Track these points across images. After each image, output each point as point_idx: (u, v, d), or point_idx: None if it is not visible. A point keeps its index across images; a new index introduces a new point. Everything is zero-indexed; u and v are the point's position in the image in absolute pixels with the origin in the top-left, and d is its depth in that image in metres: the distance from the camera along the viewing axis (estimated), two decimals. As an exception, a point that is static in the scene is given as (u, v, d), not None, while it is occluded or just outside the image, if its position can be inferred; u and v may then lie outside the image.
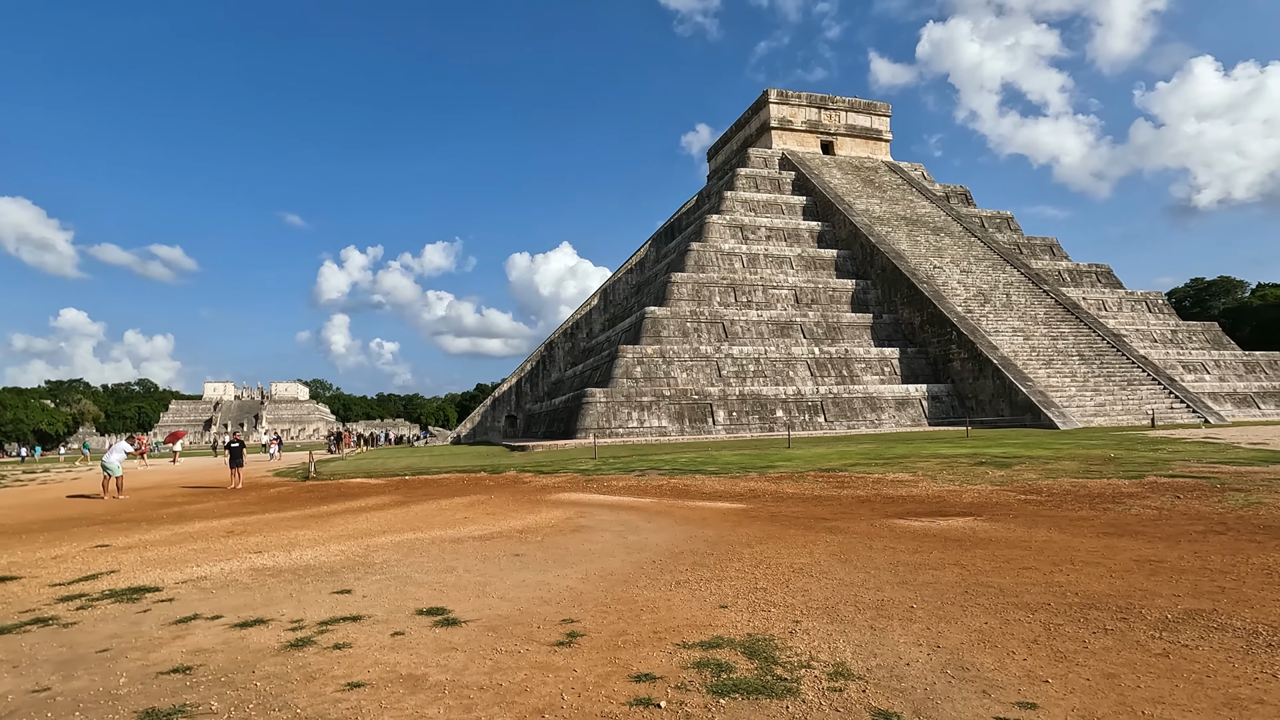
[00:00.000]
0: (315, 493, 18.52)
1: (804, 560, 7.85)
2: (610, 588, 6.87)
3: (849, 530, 9.89)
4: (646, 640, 5.20)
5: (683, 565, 7.82)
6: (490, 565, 8.09)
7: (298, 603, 6.61)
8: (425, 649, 5.14)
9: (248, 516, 13.60)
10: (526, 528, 10.82)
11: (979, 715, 3.78)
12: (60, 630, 5.97)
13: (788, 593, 6.44)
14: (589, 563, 8.09)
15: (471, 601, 6.45)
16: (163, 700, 4.31)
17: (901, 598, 6.15)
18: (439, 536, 10.22)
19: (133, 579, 7.88)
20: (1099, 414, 35.14)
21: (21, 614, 6.55)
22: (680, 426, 34.97)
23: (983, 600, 6.02)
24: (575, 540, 9.61)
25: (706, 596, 6.40)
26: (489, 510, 13.18)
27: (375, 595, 6.80)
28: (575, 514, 12.16)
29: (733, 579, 7.06)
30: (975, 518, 10.74)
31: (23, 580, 8.08)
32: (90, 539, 11.17)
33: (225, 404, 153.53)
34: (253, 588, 7.30)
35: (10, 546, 10.67)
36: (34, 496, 20.15)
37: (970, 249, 49.98)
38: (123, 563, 8.91)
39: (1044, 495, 13.29)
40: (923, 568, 7.32)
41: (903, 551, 8.20)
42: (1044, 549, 8.18)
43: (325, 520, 12.58)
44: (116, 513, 15.19)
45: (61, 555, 9.67)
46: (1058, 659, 4.57)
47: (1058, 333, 41.60)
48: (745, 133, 66.90)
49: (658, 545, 9.10)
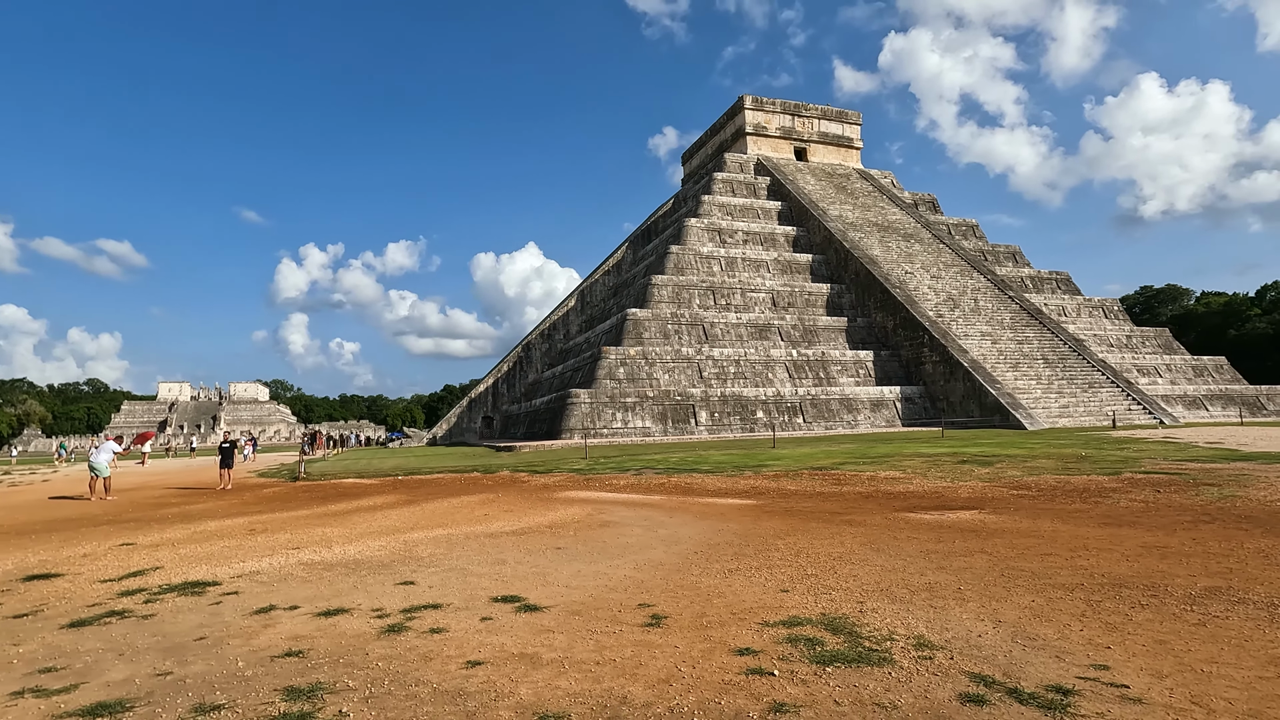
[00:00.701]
0: (313, 493, 18.41)
1: (839, 550, 8.31)
2: (666, 576, 7.22)
3: (866, 523, 10.41)
4: (728, 621, 5.57)
5: (724, 556, 8.20)
6: (538, 557, 8.36)
7: (367, 594, 6.80)
8: (521, 632, 5.43)
9: (258, 516, 13.55)
10: (553, 523, 11.08)
11: (1061, 676, 4.24)
12: (142, 621, 6.07)
13: (838, 578, 6.88)
14: (633, 554, 8.41)
15: (540, 590, 6.73)
16: (296, 679, 4.52)
17: (946, 581, 6.64)
18: (472, 532, 10.42)
19: (184, 574, 7.93)
20: (1063, 415, 36.68)
21: (90, 608, 6.61)
22: (664, 427, 35.41)
23: (1020, 582, 6.54)
24: (608, 534, 9.92)
25: (764, 583, 6.80)
26: (505, 508, 13.38)
27: (441, 586, 7.03)
28: (593, 511, 12.45)
29: (780, 567, 7.47)
30: (979, 511, 11.36)
31: (66, 577, 8.06)
32: (108, 538, 11.05)
33: (181, 405, 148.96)
34: (312, 581, 7.45)
35: (28, 546, 10.52)
36: (14, 499, 19.57)
37: (939, 255, 51.56)
38: (161, 560, 8.92)
39: (1034, 491, 14.05)
40: (953, 555, 7.84)
41: (927, 541, 8.73)
42: (1055, 538, 8.79)
43: (343, 518, 12.64)
44: (116, 513, 14.94)
45: (90, 554, 9.61)
46: (1110, 629, 5.09)
47: (1023, 337, 43.24)
48: (720, 137, 67.79)
49: (690, 538, 9.47)
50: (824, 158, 65.81)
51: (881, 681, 4.20)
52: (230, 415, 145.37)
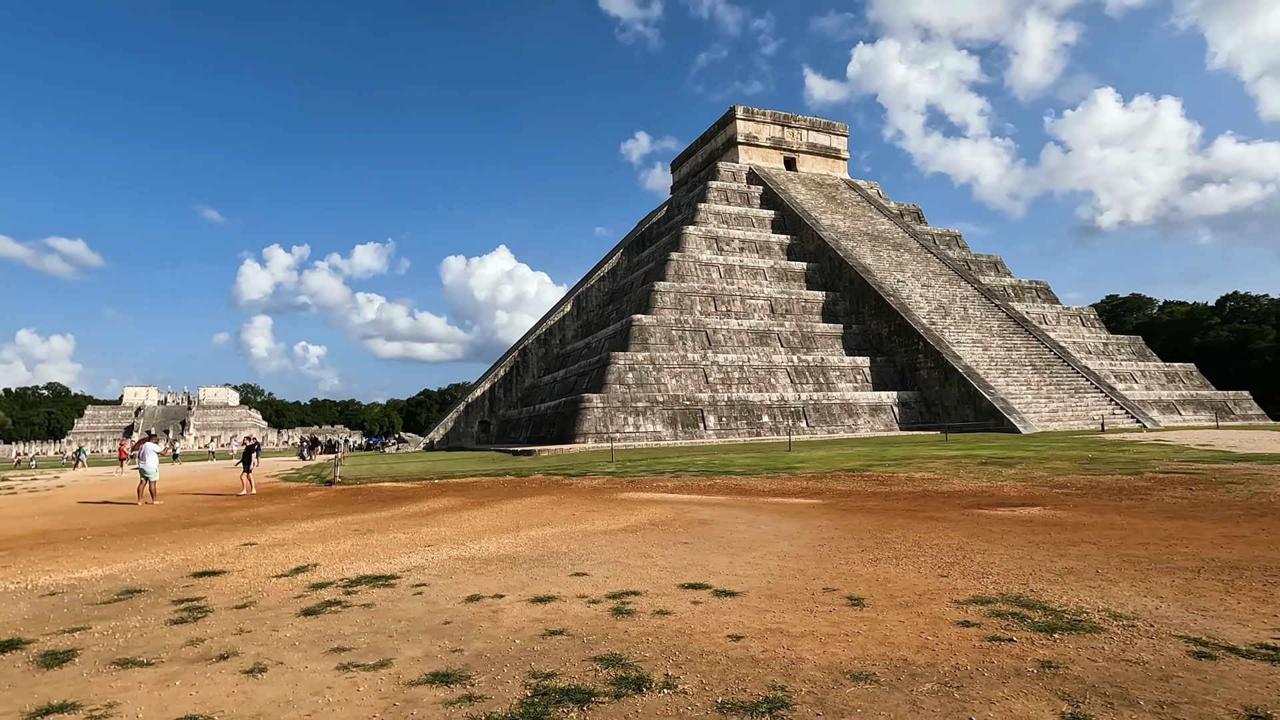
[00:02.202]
0: (365, 496, 18.62)
1: (952, 542, 9.07)
2: (818, 565, 7.88)
3: (949, 519, 11.21)
4: (919, 601, 6.26)
5: (849, 549, 8.90)
6: (676, 551, 8.95)
7: (554, 584, 7.33)
8: (744, 612, 6.04)
9: (335, 519, 13.82)
10: (653, 522, 11.66)
11: (1251, 639, 5.02)
12: (368, 609, 6.53)
13: (979, 565, 7.62)
14: (761, 548, 9.05)
15: (716, 578, 7.34)
16: (588, 652, 5.08)
17: (1078, 566, 7.43)
18: (582, 530, 10.95)
19: (350, 570, 8.35)
20: (1053, 419, 38.32)
21: (296, 599, 7.02)
22: (674, 431, 36.10)
23: (1142, 566, 7.36)
24: (717, 531, 10.54)
25: (917, 570, 7.51)
26: (583, 508, 13.89)
27: (615, 577, 7.58)
28: (678, 510, 13.05)
29: (914, 557, 8.19)
30: (1042, 508, 12.25)
31: (233, 574, 8.41)
32: (222, 539, 11.31)
33: (148, 410, 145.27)
34: (482, 574, 7.94)
35: (146, 547, 10.74)
36: (50, 504, 19.40)
37: (928, 265, 53.27)
38: (309, 557, 9.28)
39: (1073, 490, 15.02)
40: (1061, 545, 8.65)
41: (1024, 534, 9.54)
42: (1136, 529, 9.67)
43: (431, 518, 13.03)
44: (187, 517, 15.07)
45: (225, 553, 9.91)
46: (1262, 601, 5.90)
47: (1011, 344, 44.98)
48: (711, 146, 68.94)
49: (797, 534, 10.14)
50: (812, 168, 67.37)
51: (1111, 644, 4.93)
52: (200, 421, 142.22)
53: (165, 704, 4.42)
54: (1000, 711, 3.89)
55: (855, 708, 3.99)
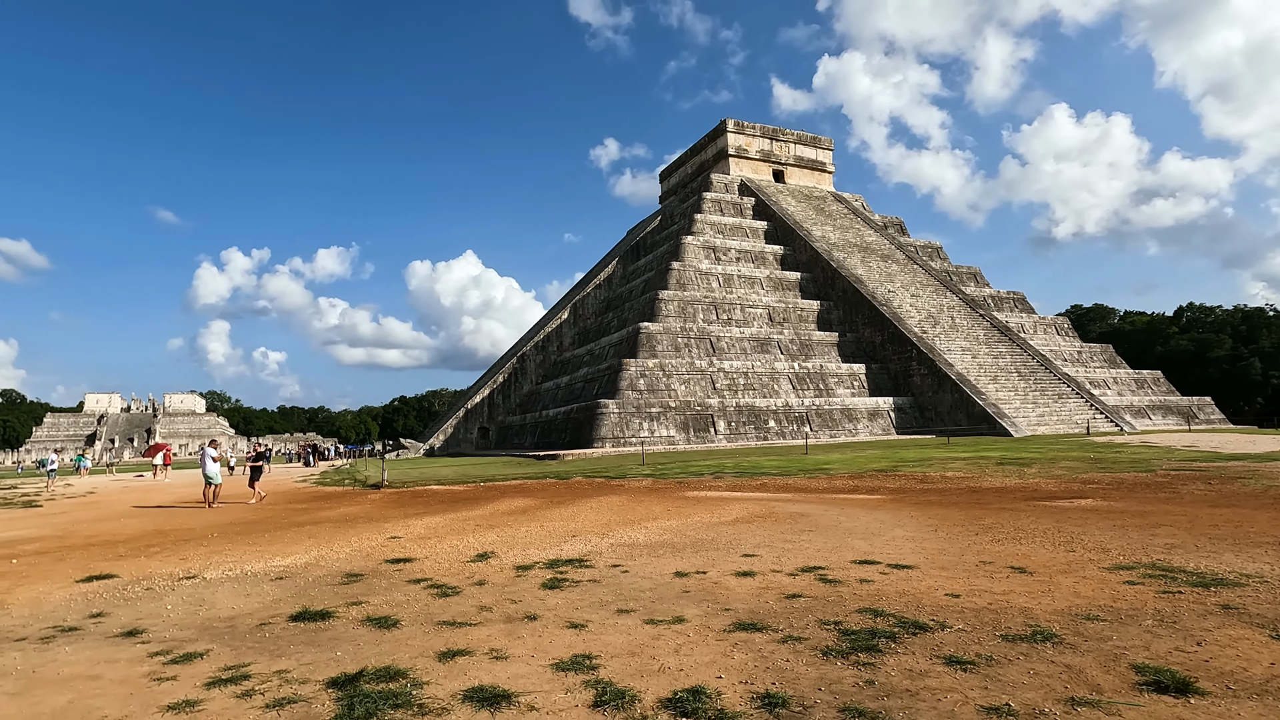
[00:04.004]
0: (425, 498, 19.28)
1: (1045, 526, 10.34)
2: (948, 545, 9.06)
3: (1019, 509, 12.53)
4: (1073, 569, 7.46)
5: (961, 533, 10.10)
6: (811, 537, 10.06)
7: (736, 562, 8.36)
8: (933, 578, 7.17)
9: (437, 517, 14.55)
10: (752, 515, 12.74)
11: (1363, 587, 6.33)
12: (597, 585, 7.46)
13: (1093, 543, 8.87)
14: (880, 535, 10.20)
15: (877, 556, 8.46)
16: (853, 605, 6.15)
17: (1175, 542, 8.74)
18: (699, 522, 11.98)
19: (530, 556, 9.25)
20: (1040, 424, 40.49)
21: (516, 578, 7.92)
22: (686, 436, 37.23)
23: (1229, 541, 8.69)
24: (821, 522, 11.67)
25: (1041, 547, 8.74)
26: (672, 506, 14.89)
27: (783, 556, 8.65)
28: (762, 507, 14.15)
29: (1026, 539, 9.42)
30: (1091, 500, 13.67)
31: (420, 561, 9.23)
32: (356, 534, 12.03)
33: (111, 417, 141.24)
34: (660, 557, 8.92)
35: (290, 542, 11.42)
36: (111, 509, 19.63)
37: (915, 275, 55.51)
38: (476, 545, 10.12)
39: (1103, 485, 16.54)
40: (1143, 527, 9.99)
41: (1099, 520, 10.88)
42: (1195, 515, 11.08)
43: (536, 514, 13.90)
44: (276, 518, 15.64)
45: (387, 544, 10.68)
46: (1351, 564, 7.25)
47: (997, 352, 47.27)
48: (701, 157, 70.58)
49: (899, 523, 11.33)
50: (800, 180, 69.47)
51: (1263, 592, 6.19)
52: (166, 428, 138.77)
53: (537, 648, 5.35)
54: (1221, 636, 5.08)
55: (1108, 636, 5.15)
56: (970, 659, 4.72)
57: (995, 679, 4.38)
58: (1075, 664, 4.58)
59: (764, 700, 4.15)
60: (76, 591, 8.00)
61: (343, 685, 4.65)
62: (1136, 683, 4.24)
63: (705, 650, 5.18)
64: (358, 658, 5.24)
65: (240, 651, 5.53)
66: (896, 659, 4.80)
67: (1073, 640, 5.08)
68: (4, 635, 6.24)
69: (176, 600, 7.38)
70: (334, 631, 6.01)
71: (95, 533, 13.71)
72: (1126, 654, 4.74)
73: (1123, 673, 4.41)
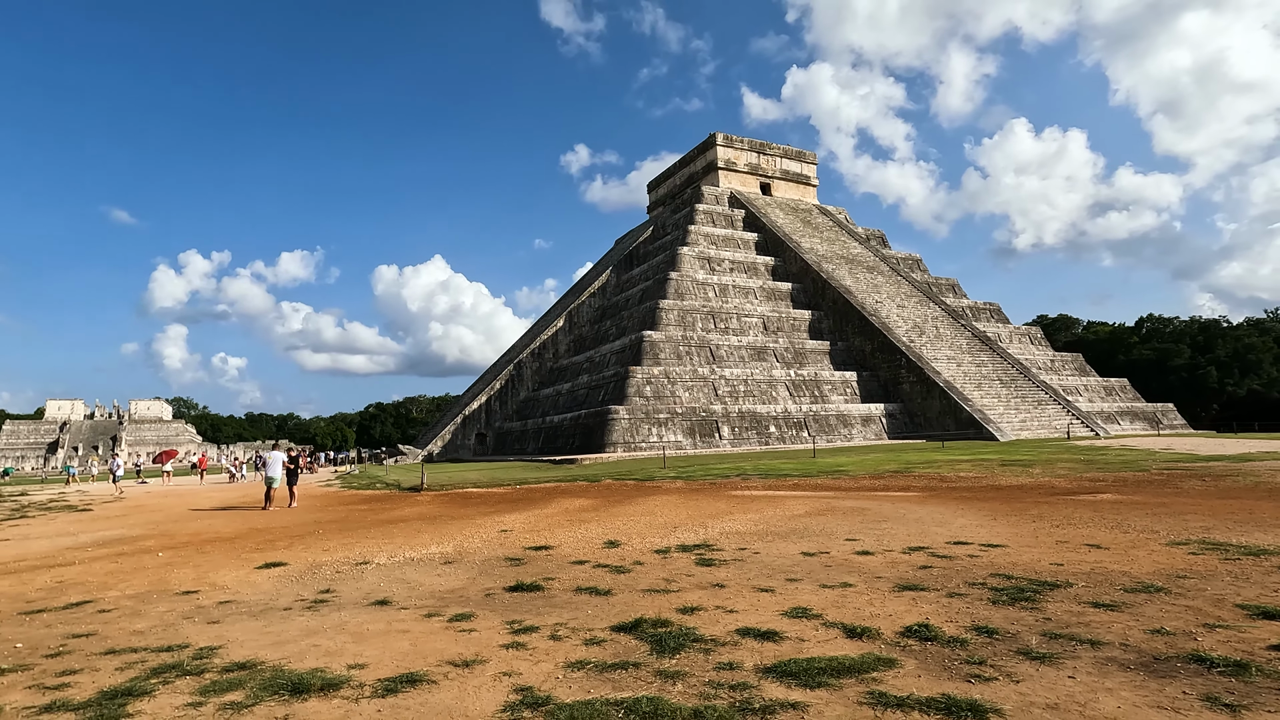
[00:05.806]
0: (475, 499, 20.21)
1: (1087, 516, 11.86)
2: (1017, 529, 10.49)
3: (1051, 501, 14.09)
4: (1138, 545, 8.92)
5: (1019, 521, 11.56)
6: (889, 526, 11.41)
7: (846, 544, 9.65)
8: (1027, 553, 8.56)
9: (513, 514, 15.59)
10: (815, 510, 14.07)
11: (1377, 554, 7.88)
12: (741, 564, 8.69)
13: (1139, 526, 10.38)
14: (947, 524, 11.60)
15: (965, 537, 9.84)
16: (979, 573, 7.48)
17: (1209, 524, 10.29)
18: (774, 515, 13.26)
19: (652, 543, 10.42)
20: (1023, 429, 42.80)
21: (661, 560, 9.10)
22: (693, 441, 38.57)
23: (1254, 523, 10.27)
24: (885, 514, 13.04)
25: (1099, 529, 10.21)
26: (732, 505, 16.15)
27: (883, 538, 9.97)
28: (821, 503, 15.49)
29: (1078, 524, 10.90)
30: (1110, 494, 15.31)
31: (562, 547, 10.33)
32: (457, 529, 13.03)
33: (75, 424, 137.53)
34: (771, 541, 10.17)
35: (404, 535, 12.38)
36: (167, 513, 20.14)
37: (899, 287, 57.86)
38: (598, 535, 11.24)
39: (1110, 481, 18.28)
40: (1172, 514, 11.56)
41: (1130, 509, 12.45)
42: (1209, 505, 12.71)
43: (600, 513, 15.02)
44: (346, 520, 16.48)
45: (508, 535, 11.73)
46: (1360, 538, 8.85)
47: (980, 361, 49.67)
48: (690, 169, 72.34)
49: (956, 514, 12.77)
50: (785, 193, 71.66)
51: (1302, 558, 7.69)
52: (133, 436, 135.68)
53: (752, 604, 6.56)
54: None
55: (1202, 588, 6.57)
56: (1111, 603, 6.10)
57: (1139, 614, 5.75)
58: (1192, 605, 5.99)
59: (978, 630, 5.46)
60: (270, 575, 8.94)
61: (628, 630, 5.81)
62: (1247, 614, 5.64)
63: (895, 603, 6.46)
64: (611, 614, 6.39)
65: (499, 612, 6.63)
66: (1052, 605, 6.15)
67: (1179, 590, 6.49)
68: (268, 606, 7.22)
69: (381, 579, 8.40)
70: (560, 598, 7.14)
71: (196, 530, 14.44)
72: (1227, 598, 6.16)
73: (1232, 609, 5.82)
